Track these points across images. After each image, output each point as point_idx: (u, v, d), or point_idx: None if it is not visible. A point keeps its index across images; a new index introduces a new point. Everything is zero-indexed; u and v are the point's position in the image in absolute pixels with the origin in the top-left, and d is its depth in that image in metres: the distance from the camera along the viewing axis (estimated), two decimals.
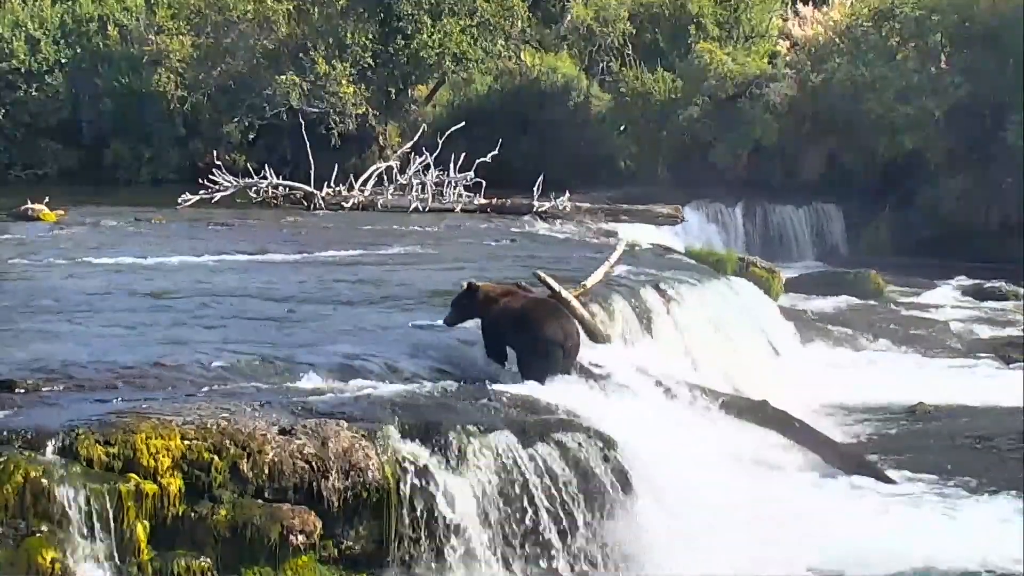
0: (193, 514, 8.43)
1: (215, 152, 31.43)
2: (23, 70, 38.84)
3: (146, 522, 8.27)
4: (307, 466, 8.71)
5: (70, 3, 40.64)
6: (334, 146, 34.58)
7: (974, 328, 22.39)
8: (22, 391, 9.35)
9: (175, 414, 8.81)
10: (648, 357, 14.21)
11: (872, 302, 25.14)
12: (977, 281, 27.19)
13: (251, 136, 37.72)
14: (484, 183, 29.04)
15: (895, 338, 20.92)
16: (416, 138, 31.92)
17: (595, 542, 9.56)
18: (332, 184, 29.37)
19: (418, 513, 8.97)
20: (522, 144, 33.89)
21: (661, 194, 30.87)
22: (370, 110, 36.47)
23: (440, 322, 12.18)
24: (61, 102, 39.21)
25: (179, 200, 28.56)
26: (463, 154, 29.14)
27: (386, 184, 29.55)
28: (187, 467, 8.46)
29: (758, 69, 34.64)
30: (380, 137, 37.09)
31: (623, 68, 37.46)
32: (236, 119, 37.37)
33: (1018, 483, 12.63)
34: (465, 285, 11.76)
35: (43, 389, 9.51)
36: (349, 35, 35.70)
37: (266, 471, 8.62)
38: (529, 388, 10.80)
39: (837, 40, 33.99)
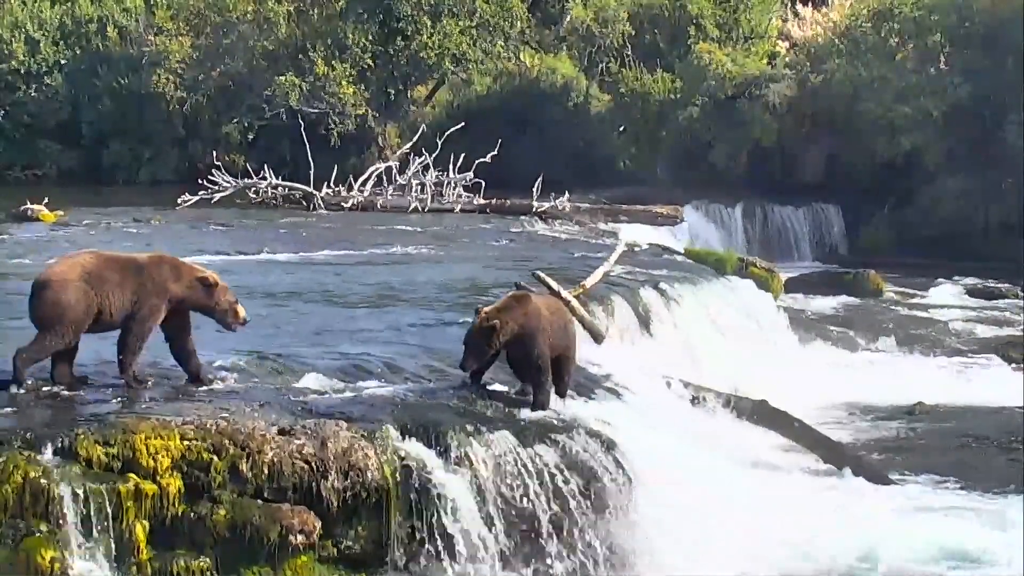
0: (192, 514, 8.42)
1: (214, 153, 31.49)
2: (23, 71, 38.90)
3: (146, 522, 8.26)
4: (306, 466, 8.70)
5: (69, 4, 40.66)
6: (334, 146, 34.59)
7: (974, 328, 22.38)
8: (23, 391, 9.35)
9: (175, 414, 8.81)
10: (648, 357, 14.24)
11: (872, 302, 25.13)
12: (977, 281, 27.19)
13: (250, 137, 37.72)
14: (484, 183, 29.04)
15: (895, 338, 20.90)
16: (415, 138, 31.94)
17: (594, 542, 9.55)
18: (332, 184, 29.40)
19: (417, 513, 8.96)
20: (522, 144, 33.86)
21: (661, 194, 30.87)
22: (369, 111, 36.47)
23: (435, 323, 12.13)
24: (61, 103, 39.24)
25: (178, 201, 28.58)
26: (462, 154, 29.16)
27: (385, 184, 29.57)
28: (186, 467, 8.45)
29: (757, 69, 34.66)
30: (380, 137, 37.08)
31: (622, 69, 37.45)
32: (235, 120, 37.40)
33: (1017, 483, 12.63)
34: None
35: (43, 389, 9.51)
36: (349, 36, 35.70)
37: (265, 471, 8.60)
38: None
39: (836, 41, 34.01)
